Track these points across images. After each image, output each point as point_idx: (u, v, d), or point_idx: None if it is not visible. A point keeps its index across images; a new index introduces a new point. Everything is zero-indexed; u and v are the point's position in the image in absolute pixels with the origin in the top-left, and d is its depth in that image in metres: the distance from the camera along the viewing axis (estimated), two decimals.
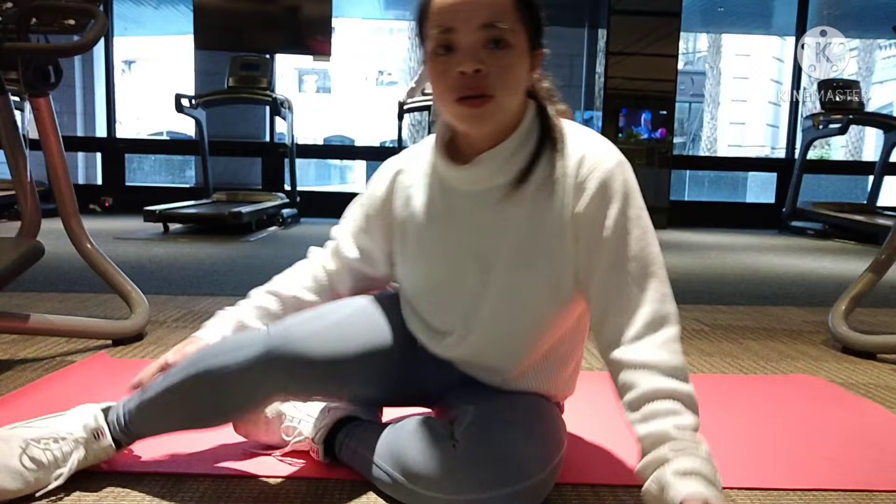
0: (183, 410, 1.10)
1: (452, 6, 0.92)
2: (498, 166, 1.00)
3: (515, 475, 0.95)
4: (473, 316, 1.06)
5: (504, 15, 0.92)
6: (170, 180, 13.19)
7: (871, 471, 1.25)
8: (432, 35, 0.94)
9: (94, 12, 1.97)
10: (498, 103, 0.95)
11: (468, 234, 1.04)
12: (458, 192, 1.04)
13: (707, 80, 21.71)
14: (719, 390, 1.74)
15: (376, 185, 1.16)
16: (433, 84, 0.98)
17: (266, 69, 6.40)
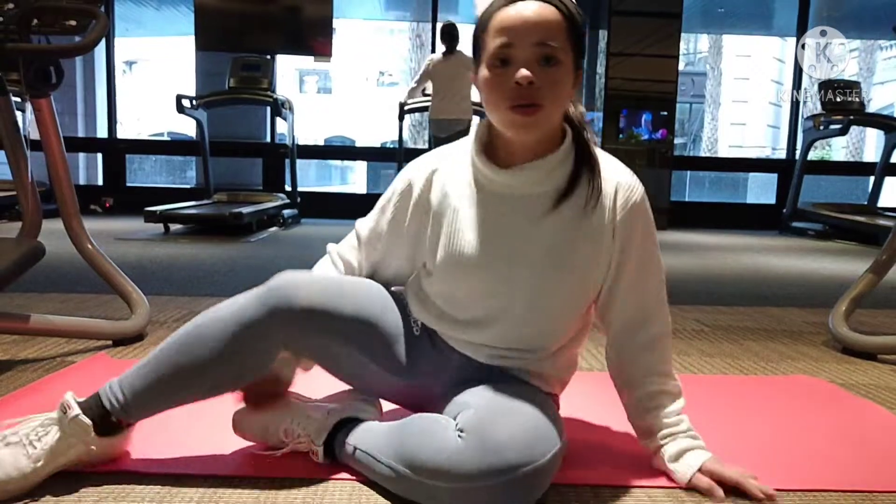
0: (186, 370, 1.11)
1: (513, 24, 1.04)
2: (541, 177, 1.11)
3: (519, 461, 0.98)
4: (501, 311, 1.15)
5: (556, 36, 1.04)
6: (170, 181, 13.21)
7: (871, 471, 1.25)
8: (491, 48, 1.05)
9: (95, 13, 1.98)
10: (547, 113, 1.06)
11: (503, 234, 1.13)
12: (494, 195, 1.14)
13: (708, 81, 21.71)
14: (720, 391, 1.74)
15: (412, 182, 1.20)
16: (487, 92, 1.08)
17: (267, 70, 6.40)
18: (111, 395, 1.11)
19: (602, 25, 7.55)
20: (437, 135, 5.80)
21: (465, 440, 1.00)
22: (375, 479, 1.10)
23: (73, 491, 1.08)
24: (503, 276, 1.13)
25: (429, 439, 1.03)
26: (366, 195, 11.55)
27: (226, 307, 1.14)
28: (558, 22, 1.04)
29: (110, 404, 1.11)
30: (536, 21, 1.03)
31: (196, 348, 1.11)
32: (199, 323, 1.15)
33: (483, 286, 1.14)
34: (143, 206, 5.40)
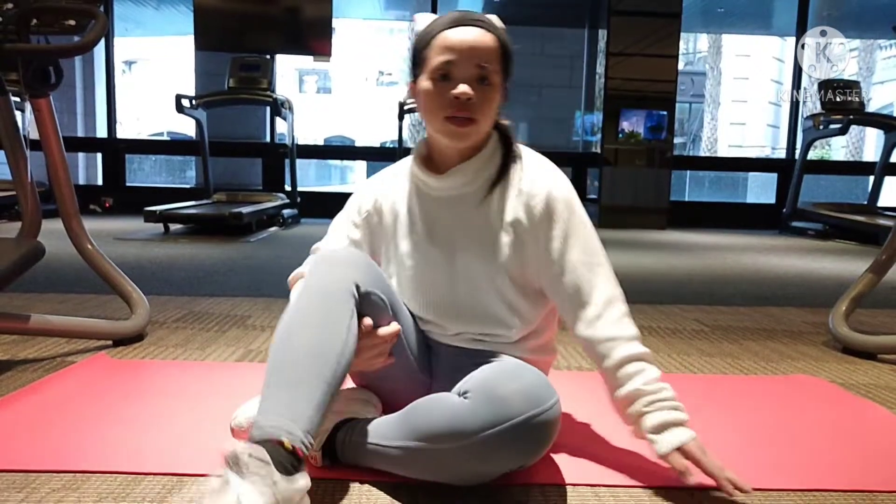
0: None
1: (456, 45, 1.16)
2: (468, 177, 1.23)
3: (526, 409, 1.02)
4: (452, 304, 1.26)
5: (492, 59, 1.17)
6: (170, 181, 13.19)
7: (871, 471, 1.25)
8: (435, 63, 1.17)
9: (95, 13, 1.98)
10: (479, 126, 1.19)
11: (441, 233, 1.26)
12: (432, 198, 1.27)
13: (707, 81, 21.71)
14: (720, 391, 1.74)
15: (363, 199, 1.35)
16: (426, 101, 1.19)
17: (266, 70, 6.40)
18: (297, 440, 0.97)
19: (602, 25, 7.55)
20: None
21: (472, 399, 1.05)
22: (383, 467, 1.12)
23: (73, 490, 1.08)
24: (446, 272, 1.24)
25: (436, 408, 1.08)
26: None
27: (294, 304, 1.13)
28: (494, 48, 1.17)
29: (300, 443, 0.98)
30: (477, 45, 1.16)
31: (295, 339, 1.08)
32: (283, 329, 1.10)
33: (430, 284, 1.26)
34: (142, 206, 5.39)
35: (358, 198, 1.36)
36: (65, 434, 1.30)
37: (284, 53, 7.22)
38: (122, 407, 1.47)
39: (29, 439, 1.28)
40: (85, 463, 1.17)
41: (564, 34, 9.22)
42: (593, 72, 8.17)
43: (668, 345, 2.22)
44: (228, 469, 0.90)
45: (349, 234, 1.35)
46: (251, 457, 0.90)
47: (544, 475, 1.16)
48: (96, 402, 1.51)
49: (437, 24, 1.19)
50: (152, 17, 9.78)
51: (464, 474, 1.07)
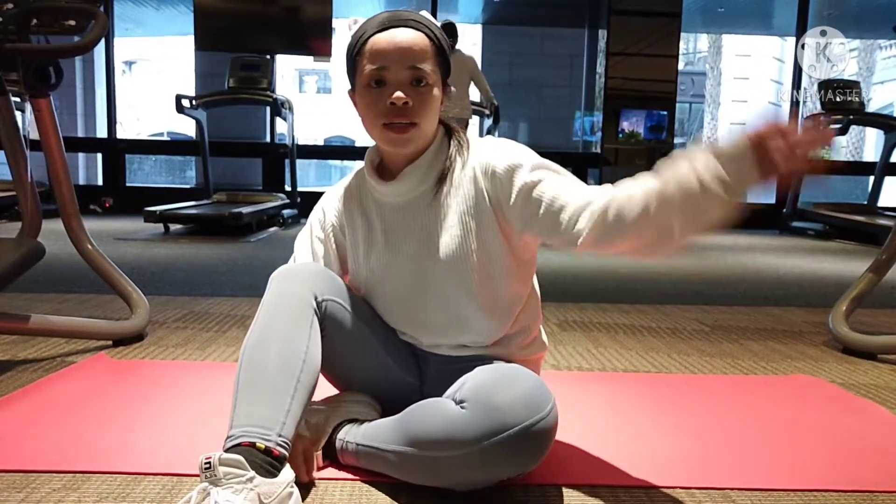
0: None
1: (386, 49, 1.12)
2: (419, 178, 1.19)
3: (524, 418, 0.99)
4: (423, 312, 1.22)
5: (426, 59, 1.13)
6: (170, 181, 13.20)
7: (871, 471, 1.25)
8: (367, 70, 1.13)
9: (95, 13, 1.98)
10: (421, 129, 1.15)
11: (399, 238, 1.21)
12: (389, 205, 1.23)
13: (707, 81, 21.70)
14: (720, 391, 1.74)
15: (324, 213, 1.31)
16: (363, 110, 1.16)
17: (266, 70, 6.40)
18: (270, 440, 1.00)
19: (602, 25, 7.56)
20: None
21: (468, 408, 1.02)
22: (380, 469, 1.12)
23: (73, 490, 1.08)
24: (412, 283, 1.20)
25: (431, 415, 1.06)
26: None
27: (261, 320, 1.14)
28: (427, 47, 1.14)
29: (273, 443, 1.00)
30: (408, 47, 1.12)
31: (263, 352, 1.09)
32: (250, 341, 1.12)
33: (399, 296, 1.23)
34: (142, 206, 5.40)
35: (318, 213, 1.32)
36: (65, 434, 1.30)
37: (284, 53, 7.22)
38: (122, 407, 1.47)
39: (29, 439, 1.28)
40: (85, 463, 1.17)
41: (564, 34, 9.22)
42: (593, 72, 8.18)
43: (668, 345, 2.22)
44: (205, 480, 0.91)
45: (315, 250, 1.30)
46: (224, 464, 0.91)
47: (544, 475, 1.15)
48: (96, 402, 1.51)
49: (366, 28, 1.16)
50: (152, 17, 9.78)
51: (460, 481, 1.05)
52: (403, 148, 1.17)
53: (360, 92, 1.16)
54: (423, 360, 1.28)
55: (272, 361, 1.06)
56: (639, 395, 1.67)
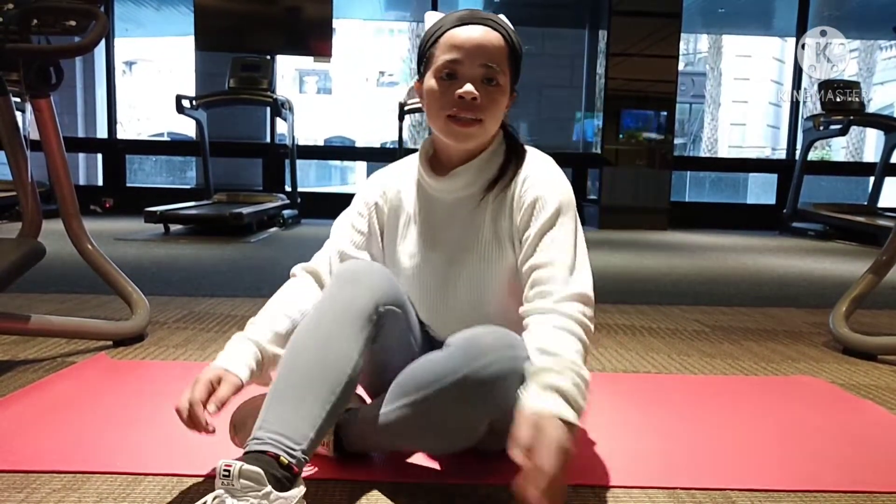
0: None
1: (463, 43, 1.13)
2: (469, 179, 1.21)
3: (501, 353, 1.02)
4: (449, 310, 1.24)
5: (499, 59, 1.15)
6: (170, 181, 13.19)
7: (871, 472, 1.25)
8: (441, 61, 1.14)
9: (95, 13, 1.98)
10: (484, 127, 1.16)
11: (444, 237, 1.23)
12: (436, 200, 1.24)
13: (708, 81, 21.70)
14: (720, 391, 1.74)
15: (369, 192, 1.30)
16: (430, 99, 1.16)
17: (267, 70, 6.40)
18: (293, 457, 0.97)
19: (602, 25, 7.56)
20: None
21: (452, 347, 1.06)
22: (385, 442, 1.14)
23: (73, 491, 1.08)
24: (443, 279, 1.22)
25: (419, 364, 1.09)
26: None
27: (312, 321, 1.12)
28: (502, 47, 1.15)
29: (296, 460, 0.97)
30: (484, 44, 1.13)
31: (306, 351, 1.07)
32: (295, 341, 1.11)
33: (426, 288, 1.24)
34: (142, 206, 5.39)
35: (364, 192, 1.32)
36: (65, 434, 1.30)
37: (285, 54, 7.22)
38: (122, 407, 1.47)
39: (29, 439, 1.28)
40: (85, 463, 1.17)
41: (564, 34, 9.22)
42: (593, 72, 8.17)
43: (668, 345, 2.22)
44: (222, 486, 0.90)
45: (354, 225, 1.28)
46: (244, 476, 0.90)
47: None
48: (96, 402, 1.51)
49: (444, 22, 1.17)
50: (152, 17, 9.78)
51: (451, 424, 1.06)
52: (463, 142, 1.18)
53: (430, 82, 1.16)
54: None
55: (316, 370, 1.03)
56: (639, 395, 1.67)
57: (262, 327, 1.16)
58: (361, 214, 1.29)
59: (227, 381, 1.08)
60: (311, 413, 1.00)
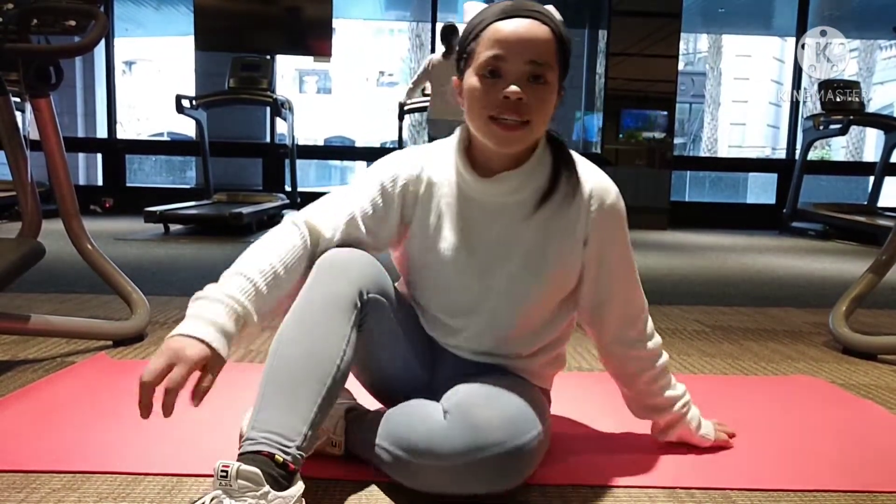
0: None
1: (507, 38, 1.05)
2: (516, 185, 1.13)
3: (500, 438, 1.00)
4: (475, 315, 1.17)
5: (547, 55, 1.06)
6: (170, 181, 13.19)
7: (871, 472, 1.25)
8: (483, 58, 1.06)
9: (95, 13, 1.98)
10: (531, 129, 1.08)
11: (482, 241, 1.15)
12: (474, 200, 1.15)
13: (707, 81, 21.71)
14: (720, 391, 1.74)
15: (400, 171, 1.17)
16: (471, 100, 1.08)
17: (266, 70, 6.40)
18: (288, 454, 0.95)
19: (602, 25, 7.56)
20: (436, 135, 5.79)
21: (449, 420, 1.03)
22: (377, 463, 1.12)
23: (73, 490, 1.08)
24: (479, 282, 1.15)
25: (417, 421, 1.06)
26: None
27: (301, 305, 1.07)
28: (549, 41, 1.06)
29: (291, 457, 0.96)
30: (530, 39, 1.05)
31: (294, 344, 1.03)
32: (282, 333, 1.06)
33: (458, 290, 1.17)
34: (142, 206, 5.40)
35: (394, 168, 1.17)
36: (65, 434, 1.30)
37: (284, 54, 7.22)
38: (122, 407, 1.47)
39: (29, 439, 1.28)
40: (85, 463, 1.17)
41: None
42: (593, 72, 8.18)
43: (668, 345, 2.22)
44: (219, 487, 0.90)
45: (374, 200, 1.15)
46: (242, 476, 0.89)
47: (544, 476, 1.15)
48: (96, 402, 1.51)
49: (486, 15, 1.08)
50: (152, 17, 9.78)
51: (442, 490, 1.05)
52: (507, 147, 1.09)
53: (471, 80, 1.08)
54: (440, 356, 1.24)
55: (304, 363, 1.01)
56: None
57: (243, 282, 1.02)
58: (386, 191, 1.16)
59: (212, 367, 0.95)
60: (303, 408, 0.98)
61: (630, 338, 1.22)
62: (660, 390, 1.25)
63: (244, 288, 1.01)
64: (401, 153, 1.21)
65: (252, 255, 1.07)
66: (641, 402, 1.28)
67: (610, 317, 1.21)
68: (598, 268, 1.17)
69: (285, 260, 1.07)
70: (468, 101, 1.09)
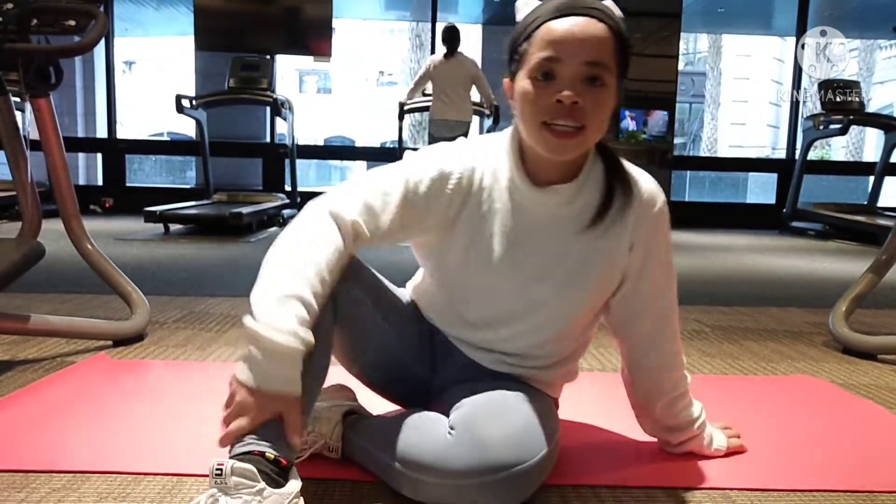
0: None
1: (561, 39, 0.99)
2: (569, 196, 1.09)
3: (507, 460, 0.98)
4: (512, 320, 1.14)
5: (604, 55, 1.00)
6: (170, 181, 13.20)
7: (871, 472, 1.25)
8: (535, 59, 1.00)
9: (95, 13, 1.98)
10: (586, 136, 1.02)
11: (533, 249, 1.10)
12: (527, 211, 1.10)
13: (707, 81, 21.73)
14: (720, 391, 1.74)
15: (447, 171, 1.09)
16: (523, 104, 1.02)
17: (266, 70, 6.40)
18: (280, 450, 0.94)
19: None
20: (437, 136, 5.80)
21: (455, 437, 1.01)
22: (375, 472, 1.12)
23: (73, 490, 1.08)
24: (525, 289, 1.12)
25: (420, 436, 1.04)
26: None
27: None
28: (607, 40, 1.00)
29: (282, 453, 0.95)
30: (586, 38, 0.99)
31: None
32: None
33: (503, 294, 1.13)
34: (142, 206, 5.39)
35: (445, 162, 1.09)
36: (65, 434, 1.30)
37: (284, 54, 7.22)
38: (122, 407, 1.47)
39: (29, 439, 1.28)
40: (85, 463, 1.17)
41: None
42: None
43: None
44: (215, 486, 0.89)
45: (419, 192, 1.06)
46: (236, 473, 0.89)
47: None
48: (96, 402, 1.51)
49: (540, 13, 1.02)
50: (152, 17, 9.78)
51: (445, 502, 1.03)
52: (560, 155, 1.03)
53: (523, 83, 1.02)
54: (447, 356, 1.22)
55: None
56: None
57: (301, 312, 0.94)
58: (433, 187, 1.07)
59: (291, 418, 0.94)
60: None
61: (658, 355, 1.20)
62: (680, 412, 1.23)
63: (304, 318, 0.94)
64: (450, 147, 1.13)
65: (302, 265, 0.97)
66: (659, 423, 1.26)
67: (642, 327, 1.18)
68: (638, 275, 1.14)
69: (332, 268, 1.00)
70: (519, 106, 1.03)
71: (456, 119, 5.64)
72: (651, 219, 1.12)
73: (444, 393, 1.18)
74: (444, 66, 5.57)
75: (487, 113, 6.04)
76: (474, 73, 5.64)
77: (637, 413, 1.29)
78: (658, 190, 1.15)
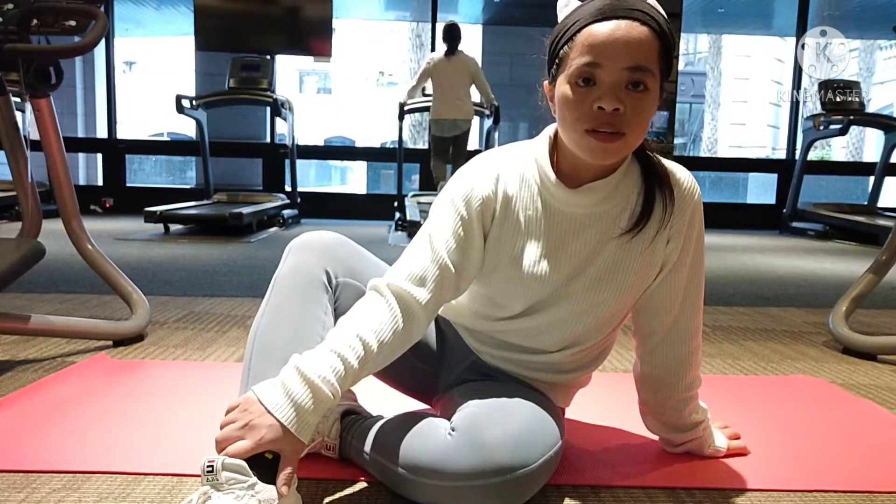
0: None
1: (602, 43, 0.96)
2: (605, 195, 1.08)
3: (508, 463, 0.97)
4: (543, 317, 1.13)
5: (647, 60, 0.97)
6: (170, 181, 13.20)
7: (871, 472, 1.25)
8: (576, 64, 0.98)
9: (95, 13, 1.98)
10: (628, 142, 1.01)
11: (567, 251, 1.09)
12: (560, 213, 1.09)
13: (707, 81, 21.71)
14: (720, 391, 1.74)
15: (479, 188, 1.09)
16: (564, 109, 1.00)
17: (266, 70, 6.40)
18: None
19: None
20: (438, 135, 5.80)
21: (456, 438, 1.00)
22: (373, 473, 1.11)
23: (73, 490, 1.08)
24: (559, 291, 1.11)
25: (421, 438, 1.03)
26: (366, 195, 11.55)
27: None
28: (650, 43, 0.97)
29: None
30: (628, 42, 0.95)
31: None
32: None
33: (537, 297, 1.11)
34: (142, 206, 5.40)
35: (467, 187, 1.08)
36: (65, 434, 1.30)
37: (285, 54, 7.22)
38: (122, 407, 1.47)
39: (29, 439, 1.28)
40: (85, 463, 1.17)
41: None
42: None
43: None
44: (207, 483, 0.89)
45: (455, 229, 1.06)
46: (227, 469, 0.89)
47: None
48: (96, 402, 1.51)
49: (580, 15, 0.99)
50: (152, 17, 9.78)
51: (443, 503, 1.03)
52: (602, 160, 1.02)
53: (563, 88, 1.00)
54: (458, 353, 1.22)
55: (281, 352, 1.00)
56: None
57: (337, 363, 0.95)
58: (464, 220, 1.07)
59: (289, 462, 0.93)
60: None
61: (677, 352, 1.21)
62: (689, 413, 1.24)
63: (338, 371, 0.95)
64: (471, 168, 1.12)
65: (343, 332, 0.99)
66: (665, 423, 1.26)
67: (666, 321, 1.19)
68: (671, 268, 1.15)
69: (379, 335, 0.98)
70: (560, 111, 1.02)
71: (457, 118, 5.63)
72: (687, 212, 1.12)
73: (451, 390, 1.18)
74: (444, 64, 5.57)
75: (487, 113, 6.04)
76: (475, 72, 5.63)
77: (643, 411, 1.28)
78: (693, 182, 1.14)
